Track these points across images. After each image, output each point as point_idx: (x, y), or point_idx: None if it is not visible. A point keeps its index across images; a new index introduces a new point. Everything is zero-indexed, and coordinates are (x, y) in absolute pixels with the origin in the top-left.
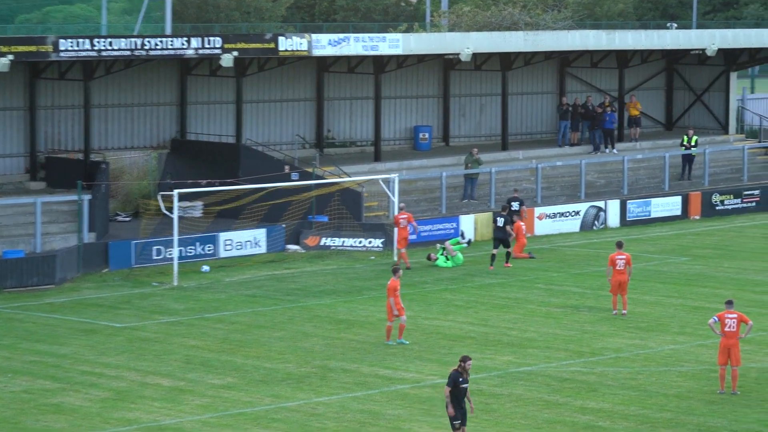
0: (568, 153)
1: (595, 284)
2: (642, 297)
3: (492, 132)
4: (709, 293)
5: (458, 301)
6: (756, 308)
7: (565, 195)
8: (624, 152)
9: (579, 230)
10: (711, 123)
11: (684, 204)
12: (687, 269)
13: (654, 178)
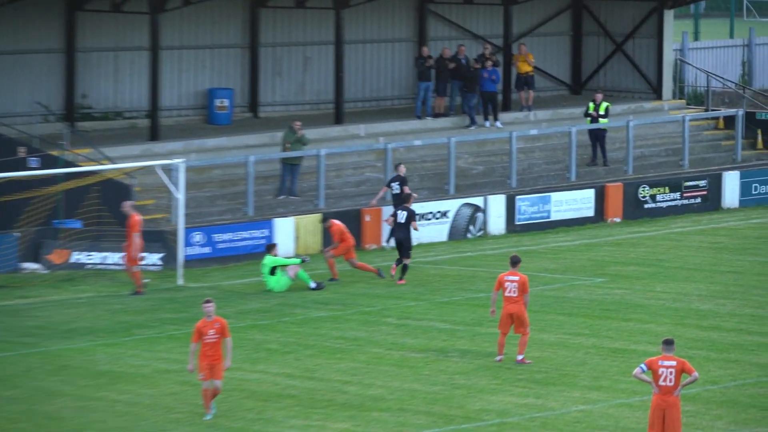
0: (431, 127)
1: (471, 317)
2: (539, 335)
3: (321, 98)
4: (635, 329)
5: (272, 342)
6: (703, 351)
7: (426, 188)
8: (512, 126)
9: (447, 239)
10: (637, 84)
11: (598, 201)
12: (603, 295)
13: (555, 164)
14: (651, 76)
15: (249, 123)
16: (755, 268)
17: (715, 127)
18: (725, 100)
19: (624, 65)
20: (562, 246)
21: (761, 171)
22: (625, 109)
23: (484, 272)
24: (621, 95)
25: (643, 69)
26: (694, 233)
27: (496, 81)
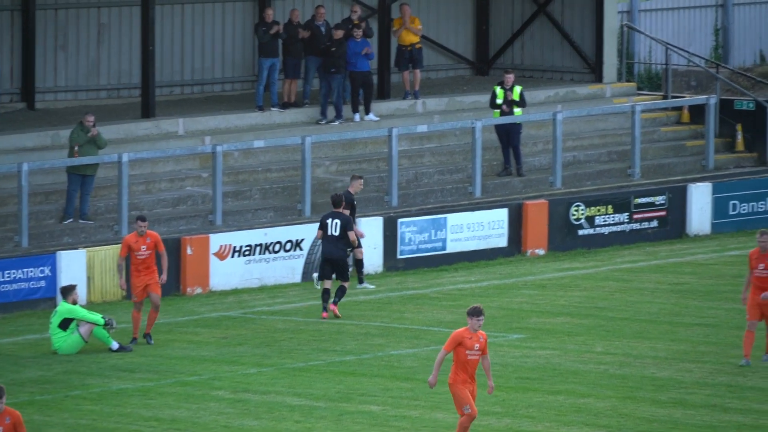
0: (278, 123)
1: (336, 390)
2: (431, 414)
3: (123, 81)
4: (567, 406)
5: (56, 426)
6: None
7: (272, 208)
8: (391, 120)
9: (301, 279)
10: (567, 60)
11: (514, 225)
12: (521, 358)
13: (453, 173)
14: (587, 49)
15: (21, 117)
16: (733, 320)
17: (678, 120)
18: (691, 83)
19: (549, 35)
20: (462, 289)
21: (742, 182)
22: (551, 95)
23: (353, 326)
24: (545, 76)
25: (576, 39)
26: (649, 270)
27: (369, 57)
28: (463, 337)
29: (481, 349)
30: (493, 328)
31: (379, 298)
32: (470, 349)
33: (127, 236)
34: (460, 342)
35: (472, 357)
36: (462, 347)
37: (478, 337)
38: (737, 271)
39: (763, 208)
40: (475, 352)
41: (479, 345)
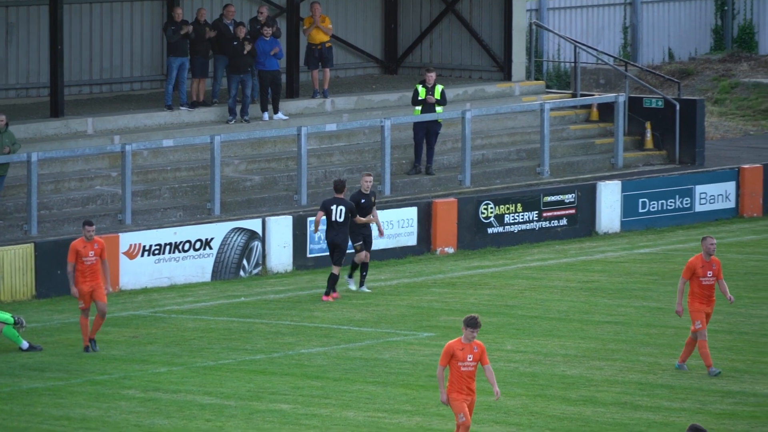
0: (188, 122)
1: (246, 388)
2: (341, 413)
3: (31, 81)
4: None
5: None
6: None
7: (182, 207)
8: (300, 119)
9: (211, 278)
10: (476, 59)
11: (423, 224)
12: (431, 356)
13: (362, 172)
14: (496, 47)
15: None
16: (643, 318)
17: (587, 119)
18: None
19: (458, 33)
20: (372, 287)
21: (651, 180)
22: (460, 94)
23: (263, 325)
24: (454, 75)
25: (485, 38)
26: (559, 268)
27: (278, 56)
28: (454, 349)
29: (478, 360)
30: (403, 326)
31: (289, 297)
32: (463, 361)
33: (74, 242)
34: (452, 354)
35: (466, 369)
36: (455, 359)
37: (471, 348)
38: (647, 268)
39: (672, 206)
40: (468, 364)
41: (473, 356)
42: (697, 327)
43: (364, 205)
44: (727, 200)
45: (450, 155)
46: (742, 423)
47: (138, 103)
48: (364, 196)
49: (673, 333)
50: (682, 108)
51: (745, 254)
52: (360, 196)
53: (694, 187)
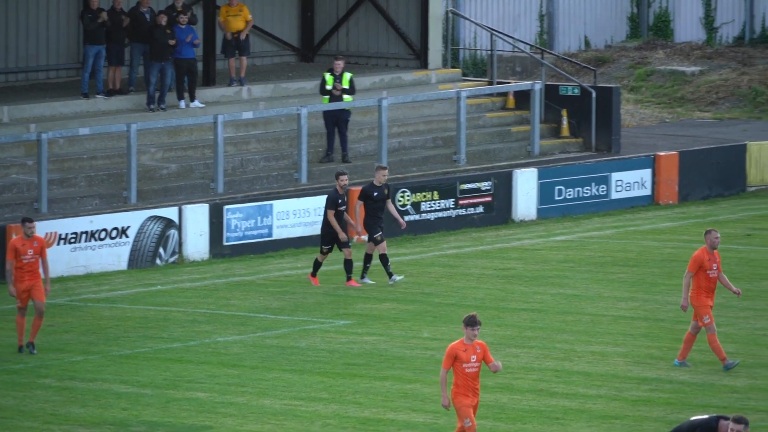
0: (104, 110)
1: (162, 377)
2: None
3: None
4: (394, 391)
5: None
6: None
7: (98, 196)
8: (217, 107)
9: (127, 266)
10: (393, 47)
11: None
12: (348, 344)
13: (279, 160)
14: (412, 35)
15: None
16: (560, 305)
17: (503, 106)
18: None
19: (375, 21)
20: (289, 276)
21: (567, 168)
22: (377, 82)
23: (180, 313)
24: (370, 63)
25: (401, 26)
26: (475, 256)
27: (195, 45)
28: (457, 351)
29: (481, 360)
30: (320, 314)
31: (206, 285)
32: (467, 362)
33: (13, 239)
34: (455, 356)
35: (471, 370)
36: (458, 361)
37: (474, 348)
38: (563, 256)
39: (588, 194)
40: (472, 365)
41: (476, 356)
42: (706, 321)
43: (377, 198)
44: (643, 188)
45: (367, 143)
46: (658, 409)
47: (54, 91)
48: (376, 188)
49: (589, 320)
50: (598, 95)
51: (661, 241)
52: (372, 188)
53: (610, 174)
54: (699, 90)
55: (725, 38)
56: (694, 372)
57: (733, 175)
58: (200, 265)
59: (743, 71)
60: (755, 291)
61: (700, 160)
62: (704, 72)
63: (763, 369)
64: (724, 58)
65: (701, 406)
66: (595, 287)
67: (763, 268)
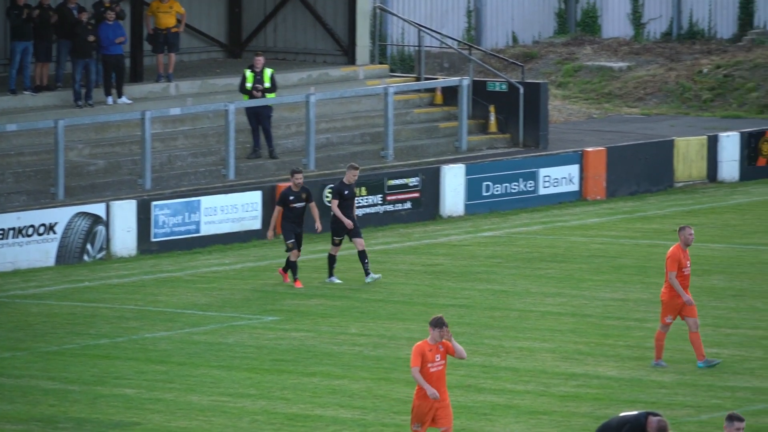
0: (31, 106)
1: (90, 373)
2: (186, 397)
3: None
4: (322, 387)
5: None
6: None
7: (24, 192)
8: (144, 103)
9: (55, 263)
10: (321, 43)
11: (267, 207)
12: (276, 340)
13: (206, 156)
14: (340, 31)
15: None
16: (487, 301)
17: (431, 102)
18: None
19: (302, 17)
20: (217, 271)
21: (495, 164)
22: (304, 78)
23: (107, 310)
24: (298, 59)
25: (329, 22)
26: (403, 252)
27: (122, 41)
28: (423, 350)
29: (445, 358)
30: (247, 310)
31: (134, 281)
32: (432, 362)
33: None
34: (422, 355)
35: (435, 369)
36: (424, 361)
37: (438, 347)
38: (491, 252)
39: (516, 189)
40: (437, 364)
41: (440, 355)
42: (668, 321)
43: (347, 196)
44: (571, 183)
45: (294, 139)
46: (586, 405)
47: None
48: (347, 187)
49: (516, 316)
50: (525, 91)
51: (589, 237)
52: (343, 187)
53: (538, 170)
54: (626, 86)
55: (653, 34)
56: (621, 368)
57: (660, 171)
58: (128, 261)
59: (671, 67)
60: None
61: (627, 155)
62: (632, 68)
63: (691, 364)
64: (652, 54)
65: (629, 402)
66: (522, 283)
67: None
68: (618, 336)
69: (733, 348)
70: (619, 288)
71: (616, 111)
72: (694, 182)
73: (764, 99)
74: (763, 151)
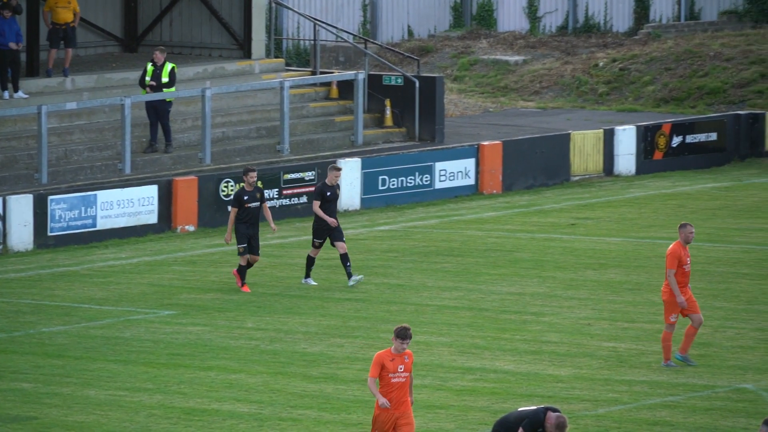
0: None
1: None
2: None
3: None
4: (218, 381)
5: None
6: (314, 410)
7: None
8: (40, 98)
9: None
10: (216, 37)
11: (164, 202)
12: (172, 334)
13: (103, 150)
14: (236, 25)
15: None
16: (383, 295)
17: (327, 96)
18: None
19: (198, 11)
20: (113, 266)
21: (391, 157)
22: (200, 72)
23: (4, 304)
24: (194, 53)
25: (225, 16)
26: (299, 246)
27: (17, 35)
28: (384, 360)
29: (410, 370)
30: (144, 305)
31: (30, 276)
32: (393, 372)
33: None
34: (382, 365)
35: (397, 380)
36: (385, 370)
37: (402, 358)
38: (387, 245)
39: (412, 183)
40: (400, 375)
41: (404, 366)
42: (672, 320)
43: (330, 197)
44: (467, 177)
45: (190, 133)
46: (483, 399)
47: None
48: (329, 188)
49: (413, 310)
50: (421, 85)
51: (485, 231)
52: (326, 188)
53: (434, 164)
54: (522, 79)
55: (548, 28)
56: (518, 362)
57: (556, 165)
58: (24, 256)
59: (566, 60)
60: (579, 280)
61: (523, 149)
62: (528, 61)
63: (588, 358)
64: (548, 48)
65: (526, 396)
66: (419, 277)
67: (586, 257)
68: (515, 330)
69: (629, 342)
70: (515, 282)
71: (512, 105)
72: (591, 176)
73: (660, 92)
74: (659, 145)
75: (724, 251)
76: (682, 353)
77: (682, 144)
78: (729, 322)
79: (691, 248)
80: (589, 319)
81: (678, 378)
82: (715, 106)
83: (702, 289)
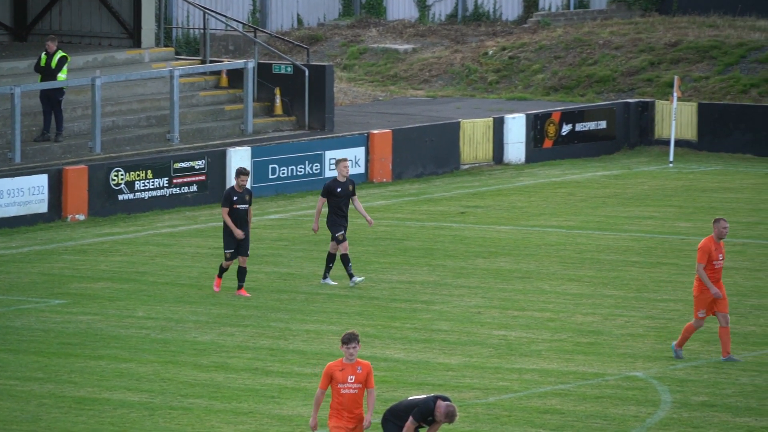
0: None
1: None
2: None
3: None
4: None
5: None
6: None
7: None
8: None
9: None
10: (106, 26)
11: (54, 191)
12: (62, 323)
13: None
14: (125, 14)
15: None
16: (274, 283)
17: (217, 85)
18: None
19: (88, 0)
20: (3, 255)
21: (280, 146)
22: (90, 61)
23: None
24: (84, 42)
25: (114, 4)
26: (189, 235)
27: None
28: (333, 370)
29: (362, 382)
30: (34, 294)
31: None
32: (343, 383)
33: None
34: (331, 376)
35: (348, 391)
36: (334, 381)
37: (354, 368)
38: (277, 234)
39: (302, 172)
40: (350, 386)
41: (356, 377)
42: (701, 315)
43: (340, 194)
44: (357, 165)
45: (80, 122)
46: None
47: None
48: (340, 184)
49: (303, 299)
50: (311, 74)
51: (375, 219)
52: (335, 184)
53: (324, 152)
54: (412, 68)
55: (438, 16)
56: (408, 350)
57: (446, 153)
58: None
59: (456, 49)
60: (469, 268)
61: (413, 138)
62: (417, 50)
63: (478, 346)
64: (437, 36)
65: (416, 384)
66: (309, 266)
67: (476, 246)
68: (405, 318)
69: (520, 330)
70: (405, 270)
71: (401, 93)
72: (480, 164)
73: (550, 81)
74: (549, 133)
75: (613, 239)
76: (725, 356)
77: (571, 132)
78: (619, 310)
79: (580, 236)
80: (479, 307)
81: (568, 366)
82: (604, 95)
83: (591, 277)
